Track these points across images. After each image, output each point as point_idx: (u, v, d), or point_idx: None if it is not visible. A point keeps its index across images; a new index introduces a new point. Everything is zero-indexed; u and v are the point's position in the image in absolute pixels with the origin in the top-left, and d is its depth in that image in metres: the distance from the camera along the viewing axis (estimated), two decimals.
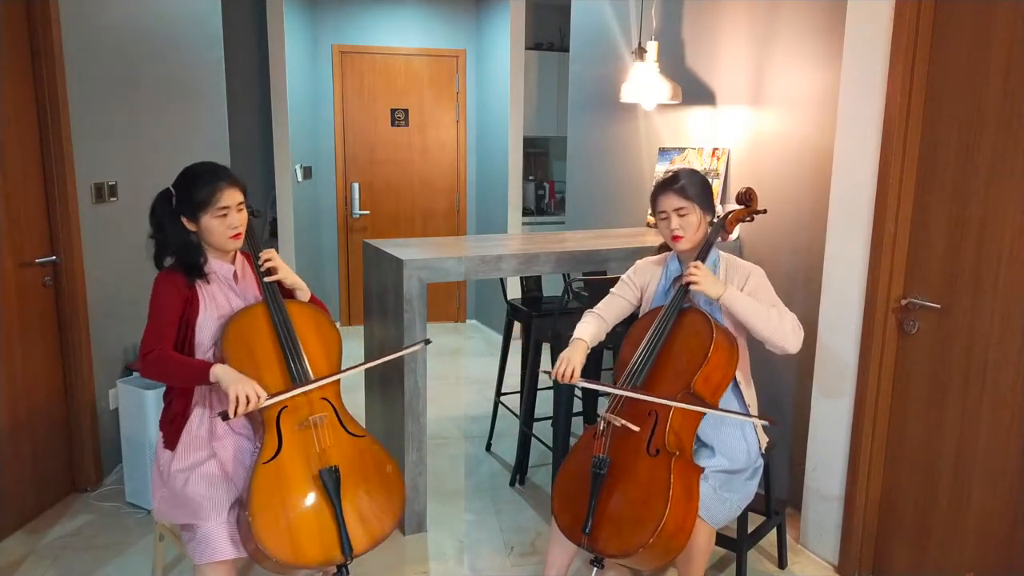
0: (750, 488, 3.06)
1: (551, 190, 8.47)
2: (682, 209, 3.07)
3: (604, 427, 2.97)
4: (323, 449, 2.78)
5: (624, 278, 3.35)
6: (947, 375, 3.24)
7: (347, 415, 2.94)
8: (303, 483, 2.71)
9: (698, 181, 3.11)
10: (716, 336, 2.91)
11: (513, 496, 4.46)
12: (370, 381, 4.39)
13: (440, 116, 8.06)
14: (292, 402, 2.82)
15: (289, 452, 2.74)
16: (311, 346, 2.94)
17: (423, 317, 3.76)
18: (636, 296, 3.32)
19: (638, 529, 2.68)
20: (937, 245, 3.23)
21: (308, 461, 2.74)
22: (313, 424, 2.81)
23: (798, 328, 2.98)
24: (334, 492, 2.70)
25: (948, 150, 3.17)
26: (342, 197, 7.98)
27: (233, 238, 2.88)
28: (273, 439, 2.75)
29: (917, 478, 3.40)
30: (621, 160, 5.65)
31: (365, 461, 2.86)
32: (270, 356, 2.85)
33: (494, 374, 5.20)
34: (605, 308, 3.32)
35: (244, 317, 2.89)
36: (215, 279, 2.94)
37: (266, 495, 2.64)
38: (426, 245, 4.25)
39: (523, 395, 4.61)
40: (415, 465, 3.90)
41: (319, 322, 3.02)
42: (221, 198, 2.81)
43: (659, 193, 3.11)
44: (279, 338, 2.88)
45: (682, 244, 3.10)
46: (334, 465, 2.75)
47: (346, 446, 2.85)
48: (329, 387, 2.91)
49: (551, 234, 4.91)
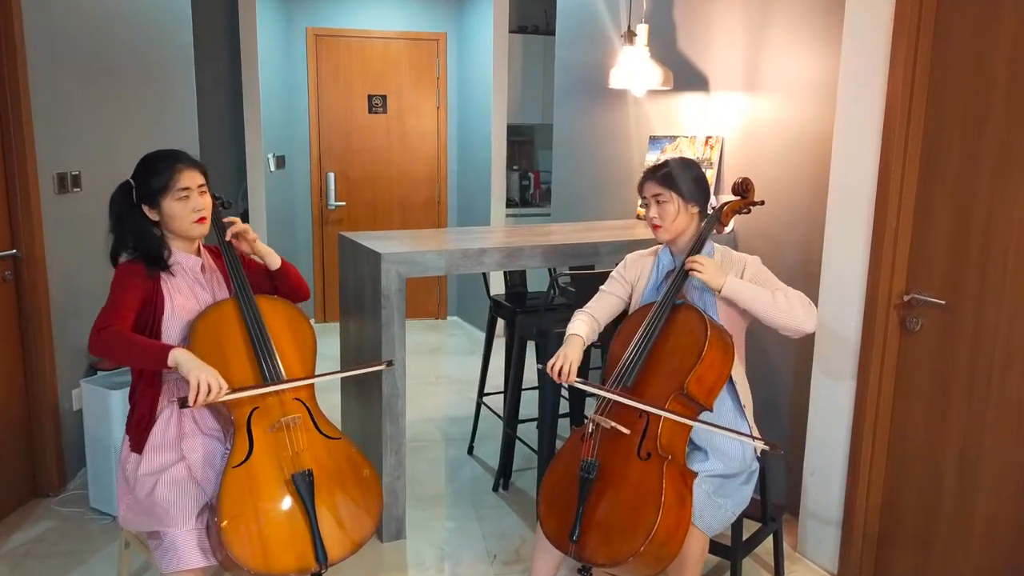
0: (745, 493, 3.05)
1: (536, 180, 8.50)
2: (660, 196, 3.10)
3: (593, 429, 2.95)
4: (296, 452, 2.78)
5: (614, 274, 3.35)
6: (951, 374, 3.23)
7: (322, 417, 2.93)
8: (275, 488, 2.70)
9: (687, 171, 3.13)
10: (710, 334, 2.90)
11: (496, 501, 4.45)
12: (346, 381, 4.40)
13: (420, 103, 8.05)
14: (264, 403, 2.81)
15: (260, 455, 2.73)
16: (284, 344, 2.94)
17: (402, 313, 3.76)
18: (627, 292, 3.32)
19: (628, 537, 2.67)
20: (941, 238, 3.22)
21: (280, 465, 2.74)
22: (285, 426, 2.80)
23: (809, 305, 2.98)
24: (308, 497, 2.69)
25: (953, 138, 3.15)
26: (317, 188, 7.97)
27: (198, 222, 2.89)
28: (244, 442, 2.74)
29: (920, 483, 3.39)
30: (610, 149, 5.63)
31: (340, 465, 2.86)
32: (241, 355, 2.85)
33: (476, 373, 5.23)
34: (595, 307, 3.31)
35: (213, 313, 2.88)
36: (180, 272, 2.93)
37: (236, 501, 2.62)
38: (405, 238, 4.25)
39: (507, 395, 4.60)
40: (394, 469, 3.89)
41: (293, 319, 3.02)
42: (180, 179, 2.82)
43: (643, 179, 3.17)
44: (250, 336, 2.87)
45: (661, 234, 3.13)
46: (308, 469, 2.74)
47: (320, 449, 2.84)
48: (303, 387, 2.91)
49: (536, 226, 4.92)
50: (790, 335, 2.99)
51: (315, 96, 7.81)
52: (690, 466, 2.92)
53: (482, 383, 5.03)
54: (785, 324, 2.95)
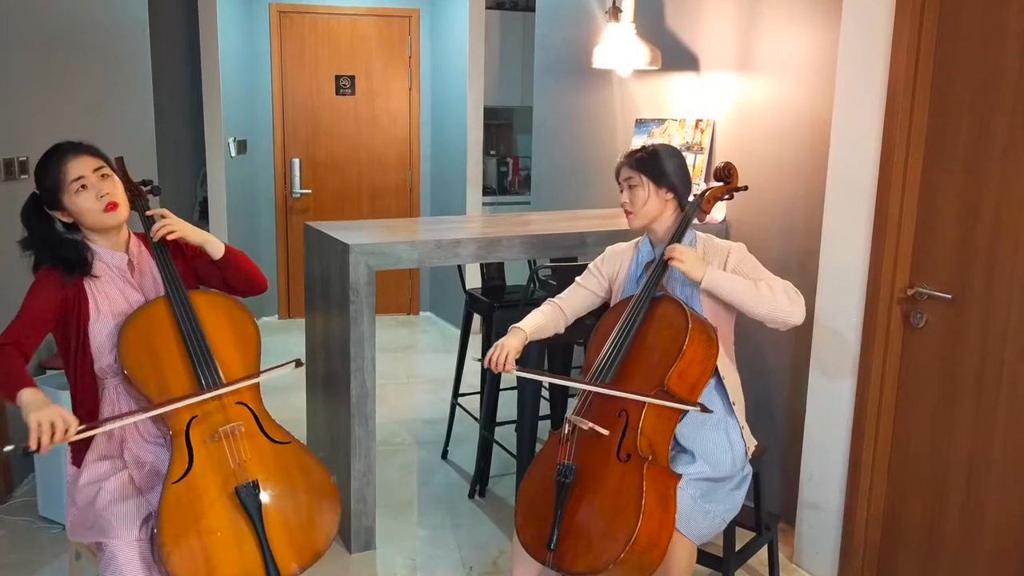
0: (736, 499, 3.04)
1: (515, 166, 8.55)
2: (631, 179, 3.13)
3: (569, 431, 2.95)
4: (240, 463, 2.75)
5: (591, 266, 3.38)
6: (958, 373, 3.23)
7: (268, 419, 2.91)
8: (218, 503, 2.68)
9: (661, 155, 3.14)
10: (692, 327, 2.90)
11: (472, 509, 4.46)
12: (312, 381, 4.39)
13: (390, 84, 8.05)
14: (202, 410, 2.78)
15: (201, 469, 2.71)
16: (223, 345, 2.90)
17: (371, 309, 3.75)
18: (603, 287, 3.35)
19: (608, 543, 2.68)
20: (947, 228, 3.22)
21: (223, 477, 2.72)
22: (225, 436, 2.77)
23: (796, 295, 2.98)
24: (254, 511, 2.68)
25: (960, 121, 3.15)
26: (281, 174, 7.97)
27: (108, 210, 2.80)
28: (182, 455, 2.71)
29: (925, 489, 3.39)
30: (593, 133, 5.63)
31: (291, 471, 2.84)
32: (175, 361, 2.81)
33: (451, 373, 5.27)
34: (566, 298, 3.35)
35: (142, 317, 2.84)
36: (105, 272, 2.89)
37: (177, 519, 2.61)
38: (375, 228, 4.26)
39: (483, 396, 4.59)
40: (363, 474, 3.89)
41: (233, 315, 2.98)
42: (69, 170, 2.75)
43: (618, 164, 3.21)
44: (184, 339, 2.83)
45: (632, 220, 3.16)
46: (253, 480, 2.72)
47: (268, 456, 2.82)
48: (247, 390, 2.88)
49: (515, 215, 4.99)
50: (777, 328, 2.99)
51: (279, 77, 7.80)
52: (675, 469, 2.91)
53: (457, 383, 5.03)
54: (770, 316, 2.95)
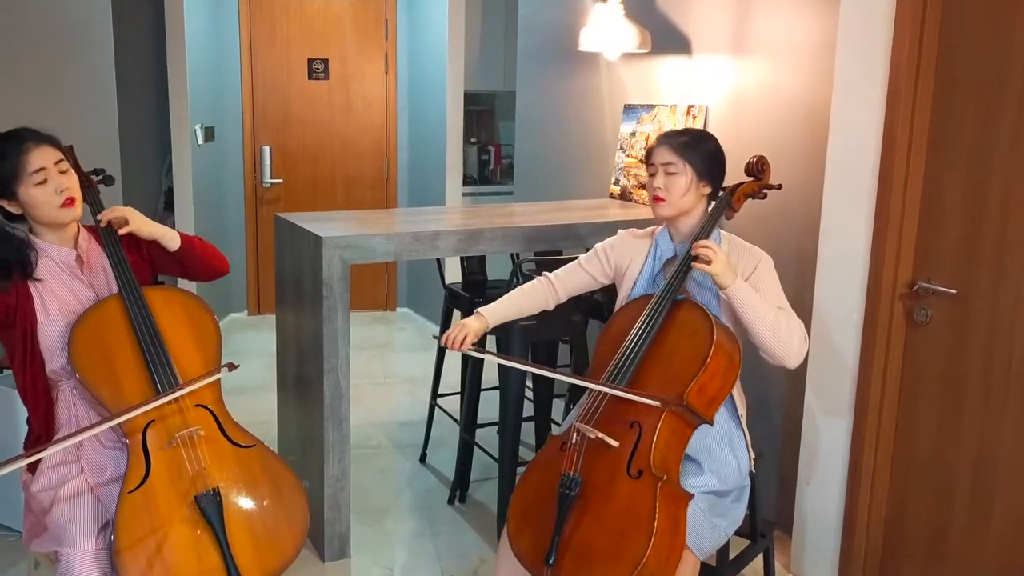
0: (738, 512, 3.03)
1: (497, 155, 8.51)
2: (671, 166, 3.04)
3: (576, 439, 2.90)
4: (200, 469, 2.76)
5: (599, 250, 3.31)
6: (964, 372, 3.23)
7: (230, 422, 2.92)
8: (177, 512, 2.69)
9: (707, 144, 3.10)
10: (717, 337, 2.85)
11: (452, 516, 4.47)
12: (283, 381, 4.40)
13: (366, 67, 8.06)
14: (159, 414, 2.78)
15: (159, 477, 2.71)
16: (180, 345, 2.92)
17: (345, 305, 3.75)
18: (606, 274, 3.28)
19: (613, 565, 2.64)
20: (952, 220, 3.22)
21: (183, 485, 2.73)
22: (183, 441, 2.78)
23: (804, 342, 2.97)
24: (216, 520, 2.69)
25: (966, 107, 3.14)
26: (250, 163, 7.97)
27: (66, 205, 2.82)
28: (139, 462, 2.72)
29: (929, 493, 3.39)
30: (580, 119, 5.62)
31: (255, 476, 2.85)
32: (130, 364, 2.82)
33: (429, 372, 5.36)
34: (562, 277, 3.31)
35: (94, 317, 2.85)
36: (52, 270, 2.89)
37: (134, 530, 2.62)
38: (349, 220, 4.27)
39: (464, 397, 4.60)
40: (336, 480, 3.88)
41: (192, 313, 3.00)
42: (30, 160, 2.75)
43: (655, 144, 3.12)
44: (139, 340, 2.85)
45: (663, 209, 3.06)
46: (214, 488, 2.73)
47: (230, 461, 2.83)
48: (206, 391, 2.89)
49: (497, 207, 4.96)
50: (770, 360, 2.97)
51: (248, 60, 7.79)
52: (682, 480, 2.87)
53: (436, 383, 5.03)
54: (773, 351, 2.93)
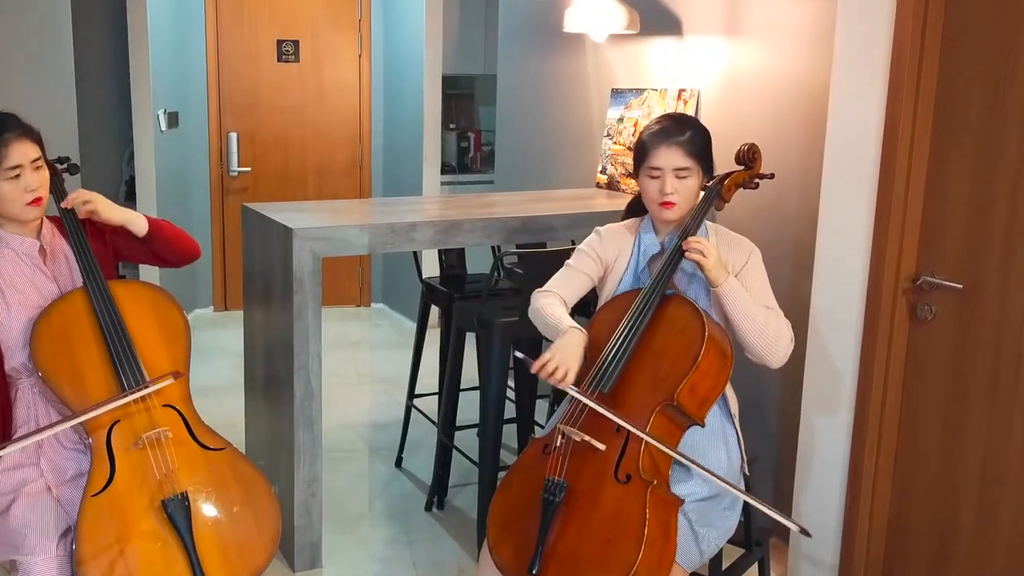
0: (731, 521, 3.02)
1: (477, 142, 8.62)
2: (684, 171, 2.99)
3: (561, 442, 2.88)
4: (168, 472, 2.77)
5: (585, 247, 3.24)
6: (970, 370, 3.22)
7: (199, 424, 2.94)
8: (144, 518, 2.70)
9: (705, 135, 3.07)
10: (708, 333, 2.84)
11: (429, 523, 4.48)
12: (251, 381, 4.40)
13: (339, 50, 8.09)
14: (125, 413, 2.80)
15: (124, 479, 2.73)
16: (147, 341, 2.94)
17: (317, 300, 3.74)
18: (599, 273, 3.23)
19: (601, 574, 2.64)
20: (958, 210, 3.21)
21: (149, 489, 2.74)
22: (151, 442, 2.79)
23: (790, 344, 3.01)
24: (184, 526, 2.70)
25: (972, 91, 3.13)
26: (216, 150, 7.98)
27: (32, 204, 2.84)
28: (103, 464, 2.73)
29: (933, 499, 3.39)
30: (564, 104, 5.62)
31: (225, 481, 2.86)
32: (94, 360, 2.84)
33: (406, 371, 5.29)
34: (563, 287, 3.17)
35: (57, 311, 2.87)
36: (12, 261, 2.90)
37: (97, 536, 2.62)
38: (321, 210, 4.32)
39: (442, 397, 4.60)
40: (308, 485, 3.87)
41: (159, 307, 3.02)
42: (9, 155, 2.76)
43: (657, 143, 3.00)
44: (104, 335, 2.86)
45: (673, 213, 3.02)
46: (182, 492, 2.74)
47: (199, 464, 2.85)
48: (174, 391, 2.91)
49: (477, 196, 5.14)
50: (753, 359, 3.00)
51: (214, 42, 7.80)
52: (672, 488, 2.86)
53: (412, 383, 5.04)
54: (759, 351, 2.96)
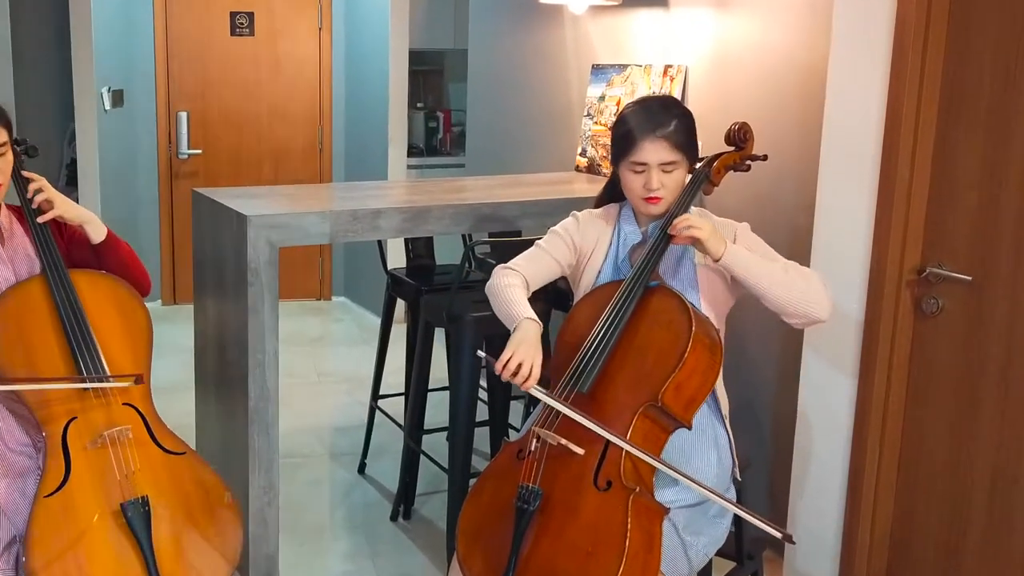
0: (720, 529, 3.02)
1: (446, 122, 8.63)
2: (670, 165, 2.97)
3: (536, 446, 2.87)
4: (127, 474, 2.79)
5: (560, 231, 3.22)
6: (980, 368, 3.23)
7: (160, 426, 2.97)
8: (100, 522, 2.70)
9: (690, 121, 3.05)
10: (696, 328, 2.82)
11: (395, 534, 4.49)
12: (203, 380, 4.37)
13: (297, 22, 8.12)
14: (83, 409, 2.83)
15: (80, 480, 2.73)
16: (108, 334, 2.96)
17: (274, 293, 3.71)
18: (570, 261, 3.21)
19: None
20: (967, 197, 3.22)
21: (107, 491, 2.76)
22: (111, 441, 2.80)
23: (826, 286, 2.93)
24: (143, 532, 2.71)
25: (982, 67, 3.13)
26: (164, 131, 7.98)
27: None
28: (58, 463, 2.74)
29: (940, 507, 3.40)
30: (541, 81, 5.64)
31: (185, 487, 2.90)
32: (51, 350, 2.86)
33: (369, 370, 5.33)
34: (526, 268, 3.15)
35: (13, 298, 2.89)
36: None
37: (49, 541, 2.63)
38: (278, 196, 4.32)
39: (409, 398, 4.59)
40: (263, 492, 3.84)
41: (121, 300, 3.04)
42: None
43: (640, 136, 2.98)
44: (63, 325, 2.88)
45: (659, 208, 3.02)
46: (142, 496, 2.76)
47: (159, 468, 2.87)
48: (134, 390, 2.94)
49: (447, 181, 4.96)
50: (797, 324, 2.95)
51: (162, 13, 7.79)
52: (657, 494, 2.85)
53: (377, 382, 5.06)
54: (798, 309, 2.88)
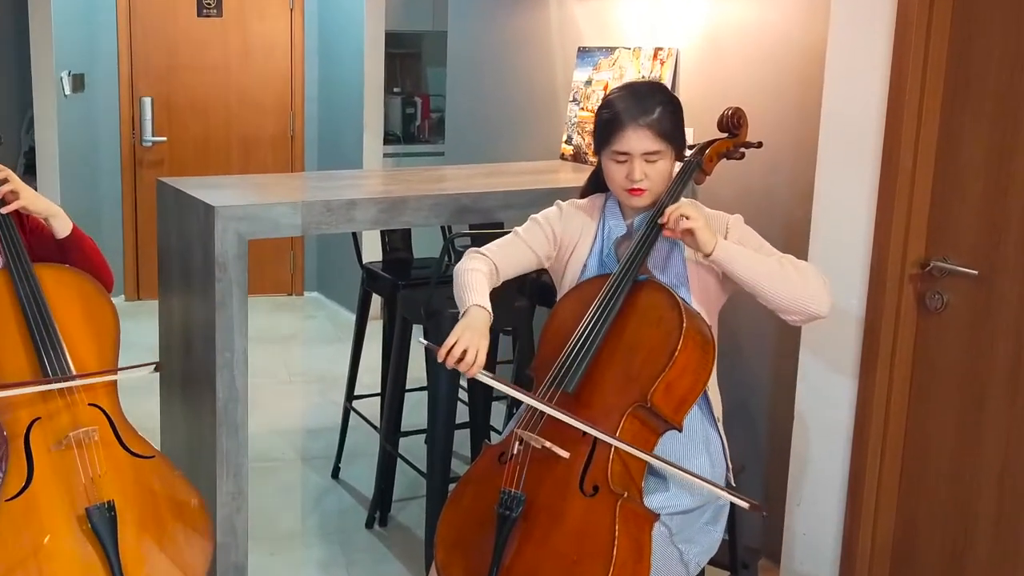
0: (713, 537, 3.01)
1: (425, 108, 8.73)
2: (654, 155, 2.96)
3: (518, 450, 2.85)
4: (93, 478, 2.79)
5: (541, 220, 3.21)
6: (987, 367, 3.22)
7: (127, 428, 2.97)
8: (64, 527, 2.71)
9: (676, 109, 3.03)
10: (687, 324, 2.80)
11: (371, 542, 4.50)
12: (168, 380, 4.31)
13: (267, 2, 8.15)
14: (46, 408, 2.84)
15: (43, 483, 2.74)
16: (74, 330, 2.96)
17: (243, 288, 3.68)
18: (549, 253, 3.20)
19: None
20: (973, 186, 3.21)
21: (71, 495, 2.76)
22: (77, 442, 2.80)
23: (825, 278, 2.91)
24: (108, 539, 2.71)
25: (989, 48, 3.13)
26: (128, 117, 7.98)
27: None
28: (20, 465, 2.75)
29: (945, 514, 3.40)
30: (524, 65, 5.65)
31: (153, 492, 2.90)
32: (15, 346, 2.88)
33: (344, 369, 5.34)
34: (499, 254, 3.15)
35: None
36: None
37: (11, 545, 2.64)
38: (248, 186, 4.35)
39: (385, 399, 4.59)
40: (232, 498, 3.80)
41: (87, 295, 3.05)
42: None
43: (623, 124, 2.97)
44: (26, 320, 2.89)
45: (643, 200, 3.00)
46: (108, 500, 2.76)
47: (126, 472, 2.88)
48: (100, 390, 2.94)
49: (425, 170, 5.04)
50: (795, 321, 2.93)
51: None
52: (646, 500, 2.84)
53: (351, 382, 5.07)
54: (795, 305, 2.87)
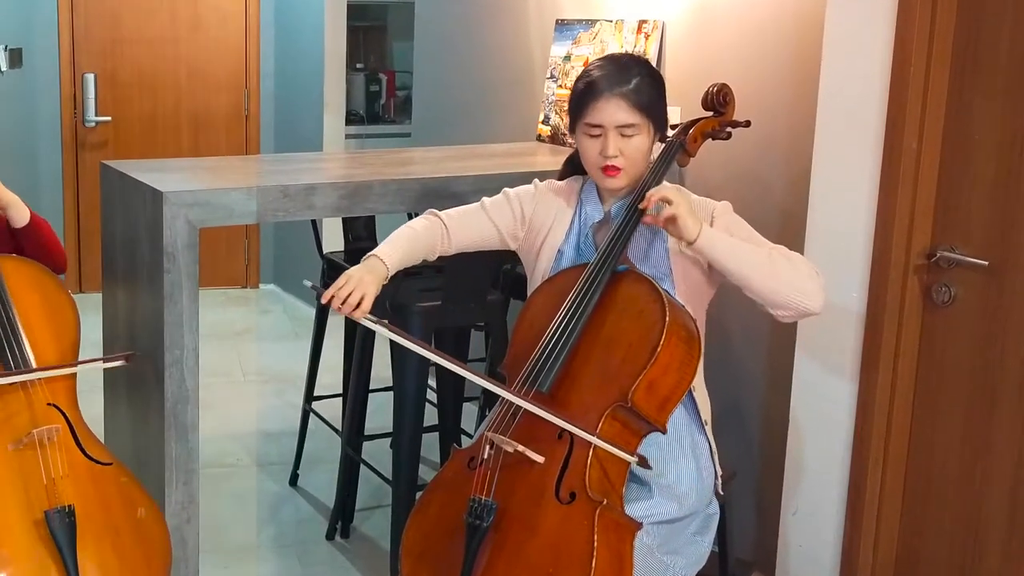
0: (701, 548, 3.02)
1: (390, 85, 8.89)
2: (630, 128, 2.96)
3: (489, 454, 2.85)
4: (52, 480, 2.83)
5: (512, 195, 3.23)
6: (997, 365, 3.23)
7: (86, 432, 3.02)
8: (18, 528, 2.76)
9: (656, 81, 3.03)
10: (670, 317, 2.79)
11: (332, 554, 4.53)
12: (112, 379, 4.28)
13: None
14: (5, 407, 2.90)
15: (1, 484, 2.80)
16: (33, 324, 3.05)
17: (193, 280, 3.67)
18: (514, 233, 3.22)
19: None
20: (983, 171, 3.21)
21: (29, 497, 2.81)
22: (40, 441, 2.86)
23: (817, 274, 2.92)
24: (67, 545, 2.74)
25: (1000, 22, 3.13)
26: (69, 95, 8.02)
27: None
28: None
29: (953, 525, 3.40)
30: (498, 39, 5.68)
31: (111, 500, 2.94)
32: None
33: (302, 368, 5.38)
34: (456, 220, 3.19)
35: None
36: None
37: None
38: (198, 169, 4.36)
39: (347, 400, 4.62)
40: (182, 507, 3.80)
41: (45, 287, 3.13)
42: None
43: (595, 94, 2.98)
44: None
45: (618, 181, 3.01)
46: (68, 505, 2.80)
47: (84, 477, 2.92)
48: (60, 388, 3.01)
49: (390, 152, 5.28)
50: (785, 317, 2.92)
51: None
52: (628, 508, 2.83)
53: (311, 382, 5.09)
54: (781, 296, 2.86)
